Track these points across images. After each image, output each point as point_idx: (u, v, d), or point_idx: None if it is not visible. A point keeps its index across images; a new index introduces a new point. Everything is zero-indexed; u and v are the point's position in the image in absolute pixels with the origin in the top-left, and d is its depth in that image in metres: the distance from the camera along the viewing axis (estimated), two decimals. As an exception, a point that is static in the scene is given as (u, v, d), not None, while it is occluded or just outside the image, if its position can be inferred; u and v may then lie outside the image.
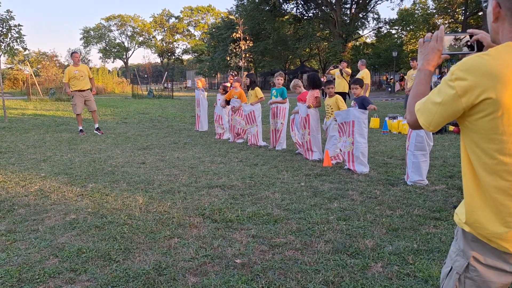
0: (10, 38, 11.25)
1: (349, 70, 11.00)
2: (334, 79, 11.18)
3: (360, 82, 5.86)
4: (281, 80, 7.53)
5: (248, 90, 8.12)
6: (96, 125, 9.67)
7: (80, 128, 9.48)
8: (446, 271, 1.51)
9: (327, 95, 6.45)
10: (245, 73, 38.76)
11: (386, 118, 9.96)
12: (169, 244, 3.17)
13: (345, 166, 5.78)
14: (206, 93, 10.23)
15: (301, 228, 3.46)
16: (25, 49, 11.84)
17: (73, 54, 9.53)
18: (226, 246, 3.12)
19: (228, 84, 9.29)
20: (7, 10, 11.14)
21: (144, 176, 5.40)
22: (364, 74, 10.62)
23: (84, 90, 9.33)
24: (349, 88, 11.48)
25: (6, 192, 4.67)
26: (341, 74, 11.00)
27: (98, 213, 3.92)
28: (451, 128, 9.26)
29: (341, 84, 10.94)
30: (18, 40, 11.32)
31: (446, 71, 43.03)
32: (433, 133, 5.37)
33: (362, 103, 5.58)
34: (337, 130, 5.92)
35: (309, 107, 6.41)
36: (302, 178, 5.23)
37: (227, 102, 8.74)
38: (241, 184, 4.92)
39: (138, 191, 4.69)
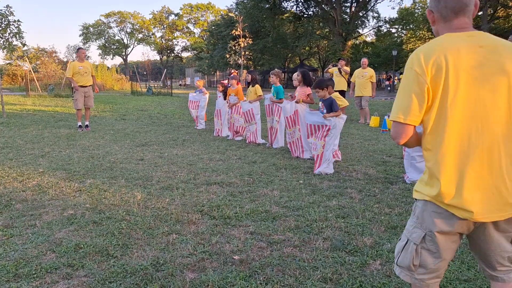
0: (9, 34, 11.19)
1: (347, 69, 11.26)
2: (333, 76, 11.31)
3: (320, 85, 5.70)
4: (273, 78, 7.46)
5: (248, 87, 8.09)
6: (86, 122, 9.67)
7: (79, 123, 9.47)
8: (401, 244, 1.70)
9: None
10: (245, 71, 38.72)
11: (386, 117, 9.93)
12: (167, 240, 3.16)
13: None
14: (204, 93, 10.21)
15: (299, 225, 3.45)
16: (24, 44, 11.80)
17: (79, 50, 9.57)
18: (224, 242, 3.11)
19: (226, 81, 9.26)
20: (6, 6, 11.11)
21: (142, 172, 5.38)
22: (371, 72, 10.67)
23: (85, 86, 9.35)
24: (348, 86, 11.66)
25: (3, 187, 4.65)
26: (340, 72, 11.21)
27: (96, 208, 3.91)
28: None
29: (340, 82, 11.10)
30: (17, 36, 11.27)
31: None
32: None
33: (330, 106, 5.53)
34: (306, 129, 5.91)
35: (297, 101, 6.42)
36: (301, 175, 5.22)
37: (225, 97, 8.78)
38: (240, 181, 4.91)
39: (137, 187, 4.67)
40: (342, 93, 10.92)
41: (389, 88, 34.08)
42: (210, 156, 6.49)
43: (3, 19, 11.11)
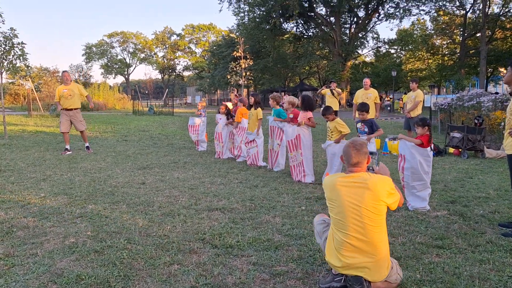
0: (12, 56, 11.31)
1: (339, 90, 11.99)
2: (323, 97, 12.01)
3: (365, 108, 5.97)
4: (271, 101, 7.55)
5: (250, 109, 8.12)
6: (86, 144, 9.66)
7: (66, 146, 9.36)
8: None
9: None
10: (245, 90, 38.80)
11: (386, 139, 9.97)
12: (169, 271, 3.13)
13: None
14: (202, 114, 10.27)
15: (302, 255, 3.43)
16: (27, 66, 11.92)
17: (63, 73, 9.61)
18: (227, 274, 3.09)
19: (230, 105, 9.30)
20: (10, 28, 11.23)
21: (144, 197, 5.37)
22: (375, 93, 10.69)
23: (70, 109, 9.28)
24: (343, 106, 12.29)
25: (5, 213, 4.64)
26: (332, 93, 11.74)
27: (98, 236, 3.89)
28: (451, 150, 9.27)
29: (333, 103, 11.77)
30: (21, 58, 11.38)
31: (445, 91, 43.32)
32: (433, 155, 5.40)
33: (371, 127, 5.76)
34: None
35: (299, 124, 6.47)
36: (303, 201, 5.21)
37: (228, 115, 8.90)
38: (241, 207, 4.90)
39: (138, 213, 4.66)
40: (335, 113, 11.27)
41: (389, 108, 34.23)
42: (211, 180, 6.49)
43: (7, 41, 11.23)
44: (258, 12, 38.76)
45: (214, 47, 51.89)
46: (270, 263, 3.28)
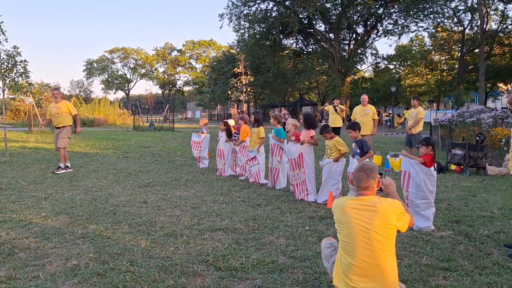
0: (15, 73, 11.38)
1: (342, 106, 12.26)
2: (328, 114, 12.29)
3: (353, 127, 6.03)
4: (273, 120, 7.57)
5: (252, 127, 8.14)
6: (64, 163, 9.16)
7: (67, 164, 9.23)
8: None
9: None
10: (246, 105, 38.85)
11: (388, 156, 9.95)
12: (173, 296, 3.09)
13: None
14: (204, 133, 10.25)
15: (307, 278, 3.39)
16: (30, 84, 11.98)
17: (53, 90, 9.57)
18: (232, 298, 3.05)
19: (231, 122, 9.32)
20: (14, 46, 11.34)
21: (146, 217, 5.33)
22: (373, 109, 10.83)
23: (58, 127, 9.19)
24: (343, 122, 12.42)
25: (6, 233, 4.60)
26: (335, 110, 11.88)
27: (100, 258, 3.85)
28: (453, 167, 9.25)
29: (336, 120, 11.87)
30: (23, 75, 11.45)
31: (444, 106, 43.49)
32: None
33: (362, 146, 5.76)
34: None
35: (302, 142, 6.47)
36: (307, 221, 5.17)
37: (229, 135, 8.88)
38: (245, 227, 4.86)
39: (140, 233, 4.62)
40: (337, 129, 11.63)
41: (388, 123, 34.32)
42: (213, 198, 6.45)
43: (10, 59, 11.32)
44: (258, 29, 39.15)
45: (215, 63, 52.28)
46: (275, 286, 3.24)
